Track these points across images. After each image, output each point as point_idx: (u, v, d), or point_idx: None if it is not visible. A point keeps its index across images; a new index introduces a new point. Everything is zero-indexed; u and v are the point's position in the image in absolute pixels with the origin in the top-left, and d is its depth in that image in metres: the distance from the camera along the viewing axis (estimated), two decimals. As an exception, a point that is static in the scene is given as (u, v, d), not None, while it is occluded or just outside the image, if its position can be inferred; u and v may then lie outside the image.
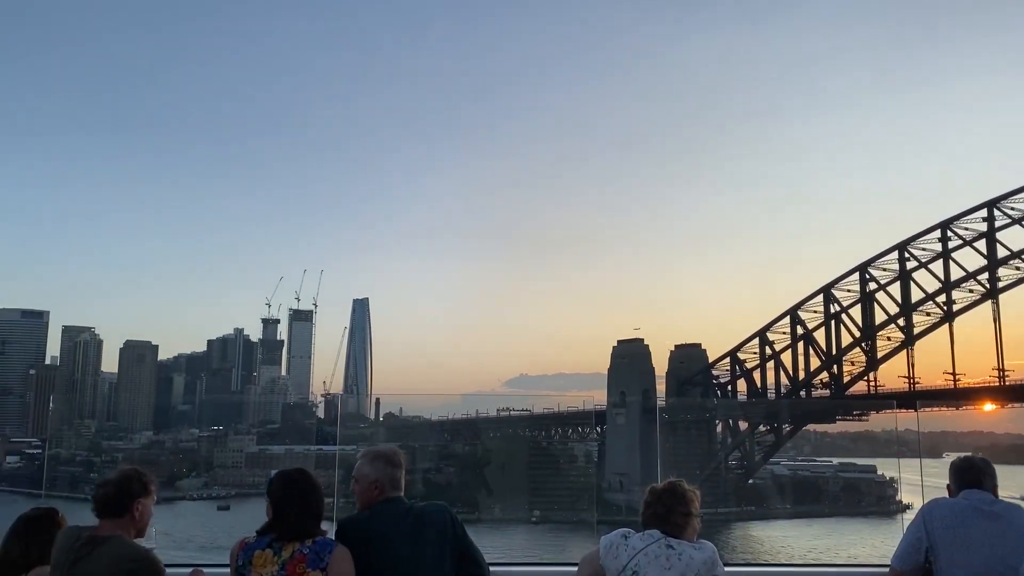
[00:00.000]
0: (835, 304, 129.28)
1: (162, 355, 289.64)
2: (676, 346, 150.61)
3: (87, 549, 4.71)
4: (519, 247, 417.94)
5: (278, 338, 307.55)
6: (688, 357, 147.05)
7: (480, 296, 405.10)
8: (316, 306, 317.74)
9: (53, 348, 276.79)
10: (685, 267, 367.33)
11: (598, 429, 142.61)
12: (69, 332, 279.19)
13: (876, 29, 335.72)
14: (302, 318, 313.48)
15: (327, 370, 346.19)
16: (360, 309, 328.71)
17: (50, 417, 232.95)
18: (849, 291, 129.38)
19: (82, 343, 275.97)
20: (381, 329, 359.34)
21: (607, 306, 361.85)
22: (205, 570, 5.94)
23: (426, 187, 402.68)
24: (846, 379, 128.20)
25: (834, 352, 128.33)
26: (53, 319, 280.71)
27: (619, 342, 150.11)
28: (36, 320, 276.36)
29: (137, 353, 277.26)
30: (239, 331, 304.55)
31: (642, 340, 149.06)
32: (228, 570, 4.95)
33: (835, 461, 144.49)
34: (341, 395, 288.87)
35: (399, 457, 5.62)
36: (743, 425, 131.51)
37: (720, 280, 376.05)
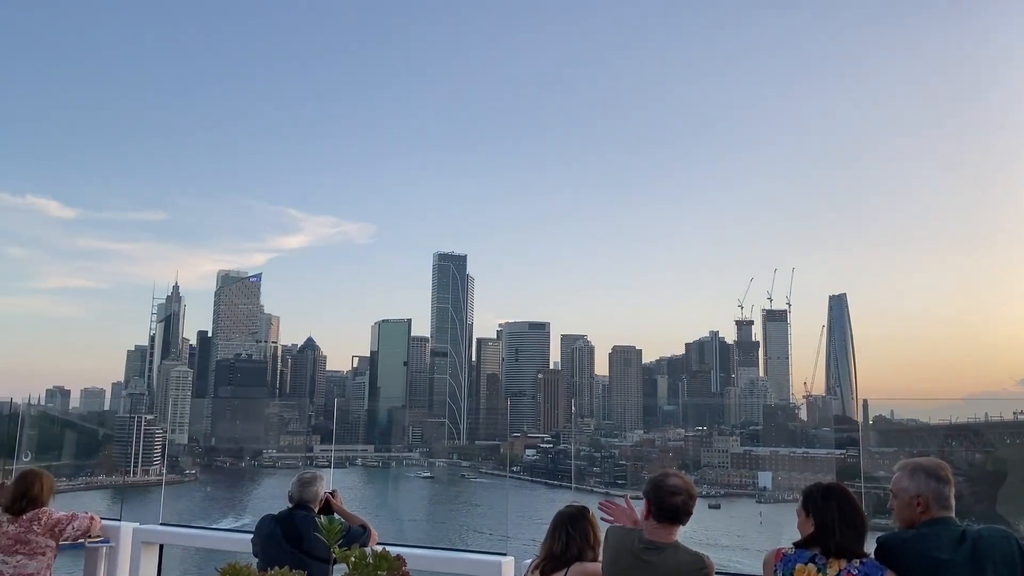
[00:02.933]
0: None
1: (646, 358, 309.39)
2: None
3: (651, 554, 4.91)
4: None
5: (753, 339, 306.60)
6: None
7: (980, 286, 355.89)
8: (789, 305, 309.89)
9: (555, 355, 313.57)
10: None
11: None
12: (567, 340, 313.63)
13: None
14: (776, 318, 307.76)
15: (806, 371, 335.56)
16: (837, 306, 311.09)
17: (572, 416, 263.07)
18: None
19: (577, 350, 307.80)
20: (862, 327, 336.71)
21: None
22: None
23: (902, 175, 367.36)
24: None
25: None
26: (553, 329, 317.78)
27: None
28: (540, 331, 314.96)
29: (624, 357, 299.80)
30: (714, 334, 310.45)
31: None
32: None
33: None
34: (825, 397, 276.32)
35: (946, 471, 4.88)
36: None
37: None
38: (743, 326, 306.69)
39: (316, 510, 6.57)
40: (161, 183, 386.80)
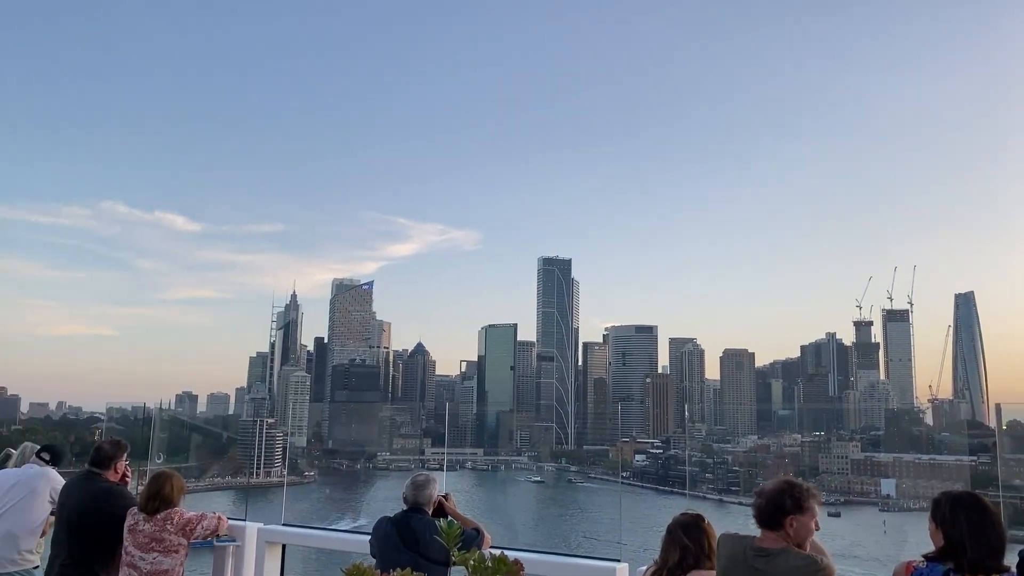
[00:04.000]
0: None
1: (759, 362, 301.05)
2: None
3: (761, 561, 4.77)
4: None
5: (872, 341, 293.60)
6: None
7: None
8: (911, 304, 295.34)
9: (663, 358, 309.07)
10: None
11: None
12: (675, 343, 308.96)
13: None
14: (897, 318, 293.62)
15: (931, 373, 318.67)
16: (964, 305, 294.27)
17: (685, 421, 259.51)
18: None
19: (686, 353, 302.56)
20: (992, 326, 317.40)
21: None
22: None
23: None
24: None
25: None
26: (661, 332, 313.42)
27: None
28: (647, 334, 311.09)
29: (736, 361, 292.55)
30: (831, 336, 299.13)
31: None
32: None
33: None
34: (952, 400, 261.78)
35: None
36: None
37: None
38: (862, 327, 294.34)
39: (430, 512, 6.65)
40: (278, 197, 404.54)
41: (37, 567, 8.13)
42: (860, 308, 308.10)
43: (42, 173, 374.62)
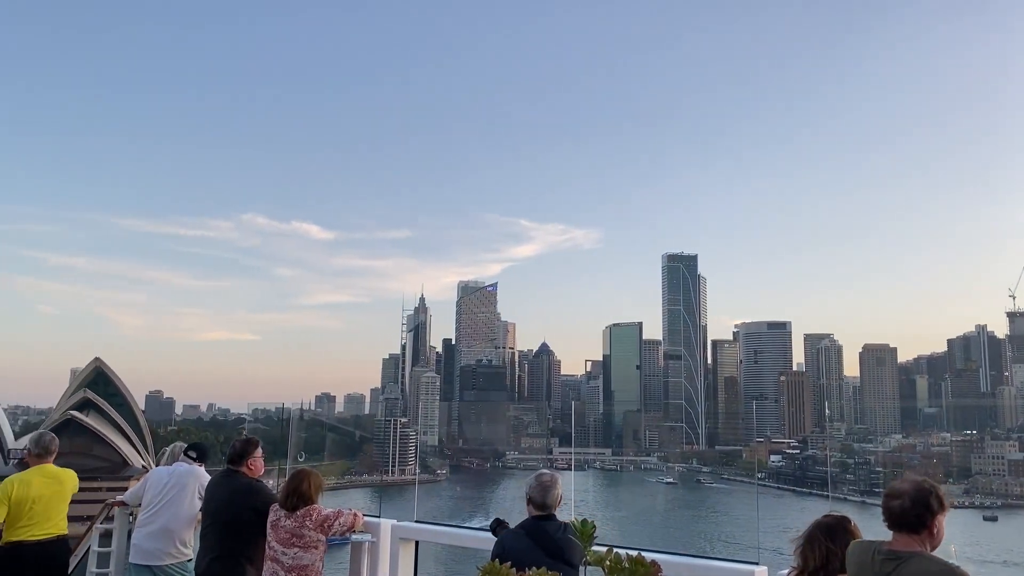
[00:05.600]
0: None
1: (901, 357, 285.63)
2: None
3: (891, 565, 4.42)
4: None
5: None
6: None
7: None
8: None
9: (797, 355, 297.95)
10: None
11: None
12: (811, 339, 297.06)
13: None
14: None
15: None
16: None
17: (826, 420, 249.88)
18: None
19: (823, 349, 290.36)
20: None
21: None
22: None
23: None
24: None
25: None
26: (795, 328, 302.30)
27: None
28: (780, 330, 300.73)
29: (876, 356, 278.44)
30: (981, 328, 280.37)
31: None
32: None
33: None
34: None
35: None
36: None
37: None
38: (1016, 318, 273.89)
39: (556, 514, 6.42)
40: (405, 204, 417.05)
41: (191, 560, 8.66)
42: (1014, 298, 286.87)
43: (188, 189, 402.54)
